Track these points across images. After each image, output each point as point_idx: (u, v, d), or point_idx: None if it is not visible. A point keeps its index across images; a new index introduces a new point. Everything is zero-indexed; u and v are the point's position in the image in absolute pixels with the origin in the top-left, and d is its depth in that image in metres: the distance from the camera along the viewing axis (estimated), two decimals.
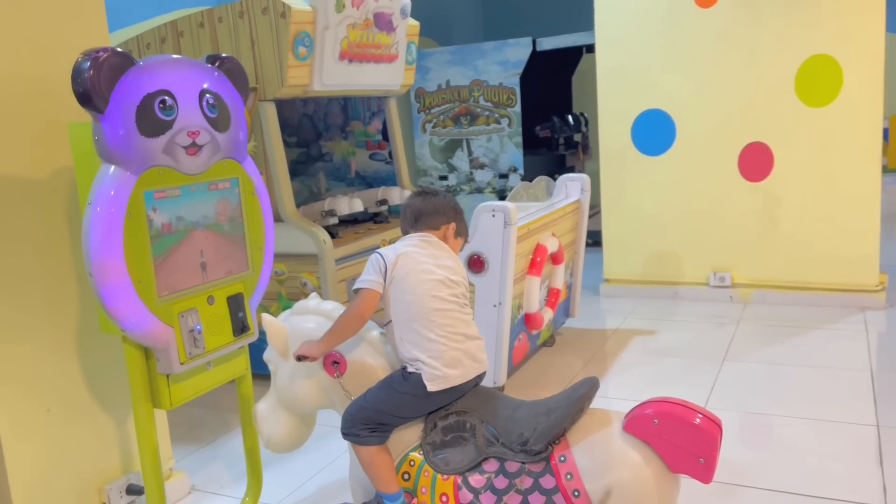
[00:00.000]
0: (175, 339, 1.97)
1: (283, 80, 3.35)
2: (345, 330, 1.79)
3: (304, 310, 1.93)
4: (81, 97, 1.78)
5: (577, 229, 3.98)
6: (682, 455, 1.54)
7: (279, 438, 1.95)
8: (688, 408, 1.57)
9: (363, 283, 1.82)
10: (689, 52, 4.48)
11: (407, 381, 1.75)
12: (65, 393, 2.27)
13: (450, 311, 1.80)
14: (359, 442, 1.74)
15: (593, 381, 1.68)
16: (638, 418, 1.58)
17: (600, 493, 1.54)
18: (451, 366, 1.74)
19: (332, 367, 1.81)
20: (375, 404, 1.75)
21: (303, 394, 1.88)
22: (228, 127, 2.09)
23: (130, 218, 1.84)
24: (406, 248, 1.86)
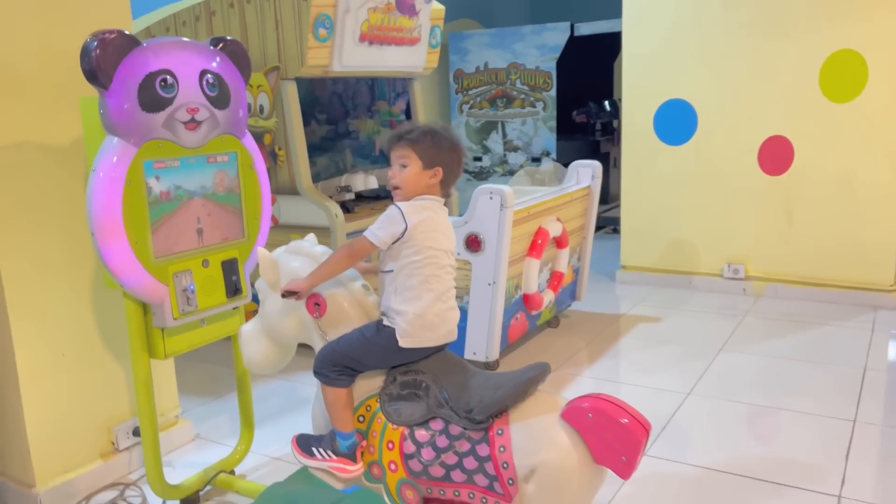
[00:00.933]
0: (169, 296, 2.18)
1: (303, 60, 3.52)
2: (333, 268, 1.91)
3: (297, 249, 2.05)
4: (88, 74, 1.98)
5: (585, 215, 4.06)
6: (607, 450, 1.63)
7: (257, 360, 2.09)
8: (622, 408, 1.65)
9: (371, 236, 1.85)
10: (715, 43, 4.48)
11: (379, 333, 1.87)
12: (79, 341, 2.51)
13: (445, 280, 1.92)
14: (327, 382, 1.88)
15: (543, 367, 1.78)
16: (575, 409, 1.68)
17: (526, 470, 1.66)
18: (427, 328, 1.86)
19: (314, 307, 1.95)
20: (347, 349, 1.88)
21: (284, 325, 2.02)
22: (228, 105, 2.26)
23: (130, 185, 2.04)
24: (427, 214, 1.88)
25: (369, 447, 1.88)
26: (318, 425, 2.01)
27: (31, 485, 2.42)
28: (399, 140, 1.92)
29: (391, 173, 1.94)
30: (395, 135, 1.95)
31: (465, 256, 3.26)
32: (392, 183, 1.94)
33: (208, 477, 2.49)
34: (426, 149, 1.90)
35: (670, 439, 2.76)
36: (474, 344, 3.32)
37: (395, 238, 1.84)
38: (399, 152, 1.91)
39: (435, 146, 1.91)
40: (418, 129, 1.93)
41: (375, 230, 1.86)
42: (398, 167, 1.92)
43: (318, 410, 1.99)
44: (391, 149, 1.94)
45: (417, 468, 1.80)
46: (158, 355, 2.25)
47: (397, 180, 1.92)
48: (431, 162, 1.90)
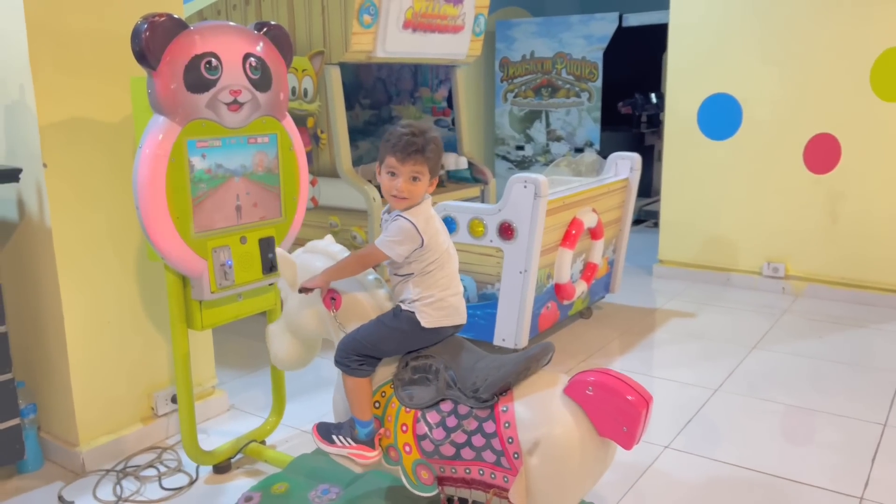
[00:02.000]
0: (207, 270, 2.27)
1: (347, 45, 3.59)
2: (345, 270, 2.00)
3: (314, 248, 2.16)
4: (138, 55, 2.07)
5: (622, 207, 4.05)
6: (609, 421, 1.69)
7: (283, 356, 2.21)
8: (622, 381, 1.72)
9: (388, 251, 1.88)
10: (763, 38, 4.40)
11: (397, 318, 1.95)
12: (123, 310, 2.63)
13: (453, 267, 2.00)
14: (348, 372, 1.97)
15: (546, 346, 1.84)
16: (577, 384, 1.74)
17: (530, 443, 1.71)
18: (445, 309, 1.94)
19: (330, 301, 2.05)
20: (367, 337, 1.96)
21: (304, 321, 2.12)
22: (269, 88, 2.34)
23: (173, 162, 2.14)
24: (430, 218, 1.93)
25: (385, 432, 1.95)
26: (338, 413, 2.09)
27: (74, 444, 2.56)
28: (416, 154, 1.87)
29: (402, 186, 1.87)
30: (407, 147, 1.87)
31: (498, 244, 3.30)
32: (400, 195, 1.89)
33: (240, 445, 2.60)
34: (435, 161, 1.93)
35: (696, 434, 2.77)
36: (503, 331, 3.37)
37: (412, 251, 1.90)
38: (416, 167, 1.87)
39: (438, 157, 1.94)
40: (427, 139, 1.89)
41: (392, 245, 1.88)
42: (410, 180, 1.88)
43: (339, 398, 2.08)
44: (404, 161, 1.87)
45: (430, 448, 1.86)
46: (196, 326, 2.35)
47: (407, 193, 1.88)
48: (434, 171, 1.95)
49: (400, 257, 1.90)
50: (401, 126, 1.93)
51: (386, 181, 1.93)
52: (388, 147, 1.92)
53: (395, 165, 1.89)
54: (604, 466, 1.80)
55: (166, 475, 2.54)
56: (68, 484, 2.48)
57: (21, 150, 2.42)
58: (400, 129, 1.92)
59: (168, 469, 2.57)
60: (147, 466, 2.58)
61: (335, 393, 2.09)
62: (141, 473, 2.54)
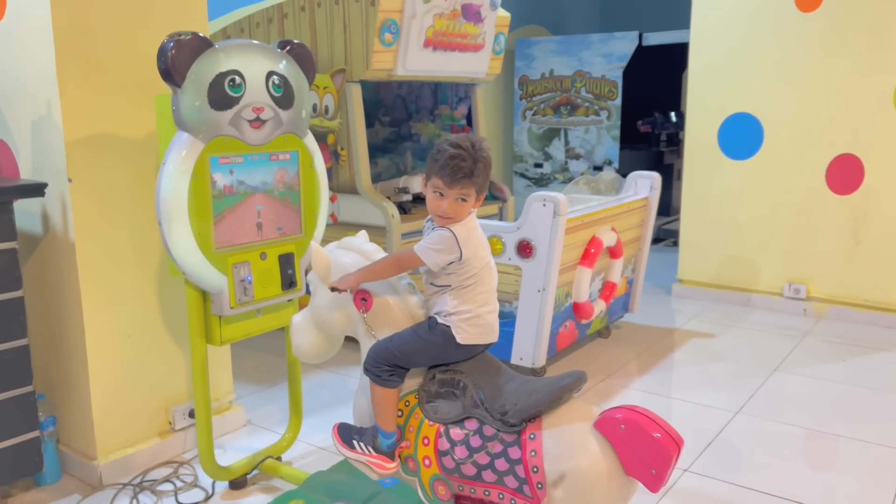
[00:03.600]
0: (228, 286, 2.29)
1: (368, 63, 3.62)
2: (379, 273, 1.96)
3: (349, 245, 2.11)
4: (163, 73, 2.10)
5: (642, 226, 4.03)
6: (637, 462, 1.64)
7: (305, 349, 2.17)
8: (654, 422, 1.66)
9: (425, 257, 1.86)
10: (785, 57, 4.38)
11: (433, 331, 1.91)
12: (144, 324, 2.65)
13: (493, 282, 1.97)
14: (378, 382, 1.94)
15: (579, 375, 1.80)
16: (608, 420, 1.70)
17: (555, 475, 1.68)
18: (481, 326, 1.92)
19: (361, 302, 2.02)
20: (399, 347, 1.93)
21: (332, 318, 2.09)
22: (292, 105, 2.36)
23: (196, 179, 2.16)
24: (473, 234, 1.91)
25: (406, 442, 1.94)
26: (360, 417, 2.07)
27: (92, 457, 2.57)
28: (464, 178, 1.82)
29: (447, 207, 1.84)
30: (455, 173, 1.82)
31: (516, 262, 3.29)
32: (446, 216, 1.86)
33: (256, 461, 2.60)
34: (483, 180, 1.88)
35: (715, 457, 2.73)
36: (521, 349, 3.35)
37: (449, 263, 1.87)
38: (464, 190, 1.83)
39: (487, 175, 1.89)
40: (476, 159, 1.84)
41: (431, 252, 1.85)
42: (457, 201, 1.84)
43: (363, 403, 2.05)
44: (451, 185, 1.83)
45: (450, 465, 1.84)
46: (215, 341, 2.36)
47: (453, 213, 1.85)
48: (482, 190, 1.90)
49: (436, 266, 1.87)
50: (450, 145, 1.85)
51: (432, 200, 1.88)
52: (435, 167, 1.86)
53: (441, 187, 1.85)
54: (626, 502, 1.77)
55: (182, 490, 2.54)
56: (85, 497, 2.49)
57: (46, 165, 2.46)
58: (449, 150, 1.83)
59: (184, 484, 2.57)
60: (163, 481, 2.59)
61: (358, 396, 2.07)
62: (157, 488, 2.54)
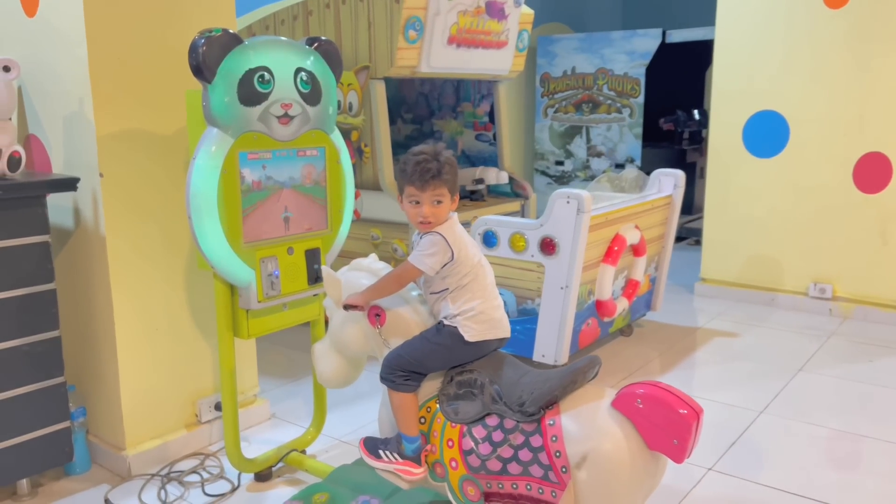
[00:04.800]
0: (255, 280, 2.31)
1: (392, 60, 3.63)
2: (384, 289, 2.02)
3: (358, 266, 2.18)
4: (194, 69, 2.13)
5: (665, 224, 4.01)
6: (658, 434, 1.66)
7: (329, 375, 2.23)
8: (671, 393, 1.69)
9: (421, 265, 1.91)
10: (812, 54, 4.34)
11: (440, 334, 1.96)
12: (172, 317, 2.69)
13: (488, 278, 2.01)
14: (394, 388, 1.98)
15: (593, 359, 1.83)
16: (625, 397, 1.72)
17: (578, 457, 1.70)
18: (487, 322, 1.95)
19: (375, 318, 2.07)
20: (410, 353, 1.97)
21: (350, 339, 2.15)
22: (319, 101, 2.38)
23: (225, 174, 2.18)
24: (459, 233, 1.96)
25: (431, 447, 1.96)
26: (384, 428, 2.10)
27: (121, 447, 2.61)
28: (433, 179, 1.90)
29: (426, 212, 1.90)
30: (424, 175, 1.90)
31: (539, 259, 3.29)
32: (426, 220, 1.92)
33: (281, 454, 2.62)
34: (453, 181, 1.96)
35: (740, 456, 2.71)
36: (543, 346, 3.35)
37: (443, 265, 1.92)
38: (436, 191, 1.91)
39: (455, 175, 1.97)
40: (443, 162, 1.93)
41: (424, 258, 1.91)
42: (433, 204, 1.91)
43: (385, 415, 2.08)
44: (423, 188, 1.90)
45: (476, 463, 1.86)
46: (242, 335, 2.39)
47: (433, 217, 1.91)
48: (454, 190, 1.97)
49: (432, 270, 1.92)
50: (412, 154, 1.96)
51: (410, 210, 1.97)
52: (405, 177, 1.96)
53: (415, 193, 1.93)
54: (654, 481, 1.77)
55: (209, 481, 2.57)
56: (114, 487, 2.53)
57: (78, 160, 2.50)
58: (413, 158, 1.94)
59: (211, 475, 2.61)
60: (190, 472, 2.62)
61: (381, 409, 2.11)
62: (185, 479, 2.58)
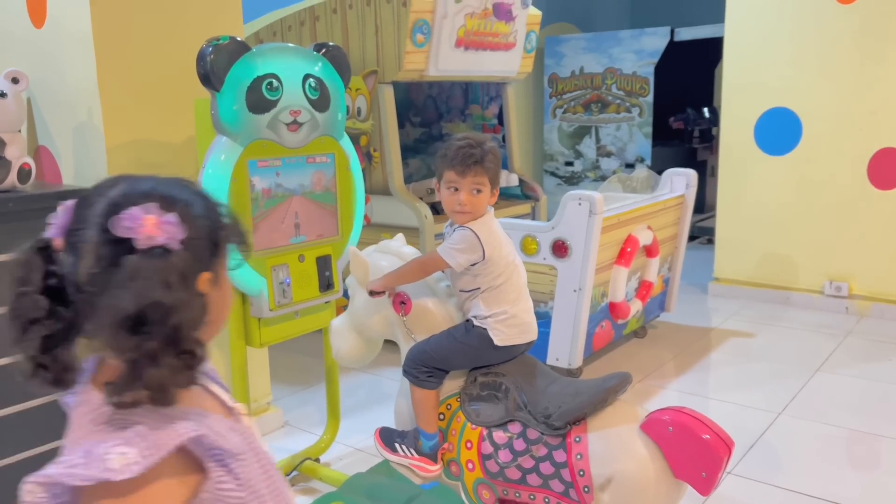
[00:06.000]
0: (267, 288, 2.30)
1: (400, 64, 3.62)
2: (406, 276, 1.97)
3: (386, 248, 2.14)
4: (202, 77, 2.12)
5: (678, 224, 3.98)
6: (687, 464, 1.62)
7: (345, 353, 2.19)
8: (703, 423, 1.64)
9: (449, 258, 1.86)
10: (824, 50, 4.29)
11: (469, 334, 1.91)
12: None
13: (521, 279, 1.97)
14: (416, 383, 1.94)
15: (624, 377, 1.78)
16: (655, 421, 1.68)
17: (602, 479, 1.66)
18: (518, 326, 1.91)
19: (399, 306, 2.03)
20: (436, 350, 1.93)
21: (371, 321, 2.11)
22: (328, 108, 2.37)
23: (235, 182, 2.17)
24: (494, 231, 1.91)
25: (448, 445, 1.93)
26: (401, 420, 2.07)
27: None
28: (475, 165, 1.83)
29: (464, 199, 1.84)
30: (466, 160, 1.83)
31: (551, 262, 3.26)
32: (463, 209, 1.86)
33: (295, 463, 2.61)
34: (495, 171, 1.90)
35: (758, 459, 2.68)
36: (557, 350, 3.32)
37: (473, 263, 1.87)
38: (476, 178, 1.84)
39: (498, 166, 1.91)
40: (485, 150, 1.86)
41: (454, 253, 1.86)
42: (472, 192, 1.84)
43: (404, 406, 2.05)
44: (464, 173, 1.84)
45: (494, 469, 1.83)
46: (254, 344, 2.38)
47: (470, 206, 1.85)
48: (495, 182, 1.91)
49: (459, 266, 1.88)
50: (456, 139, 1.90)
51: (447, 196, 1.90)
52: (445, 161, 1.89)
53: (455, 179, 1.87)
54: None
55: None
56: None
57: (88, 172, 2.49)
58: (456, 143, 1.89)
59: None
60: None
61: (399, 399, 2.08)
62: None
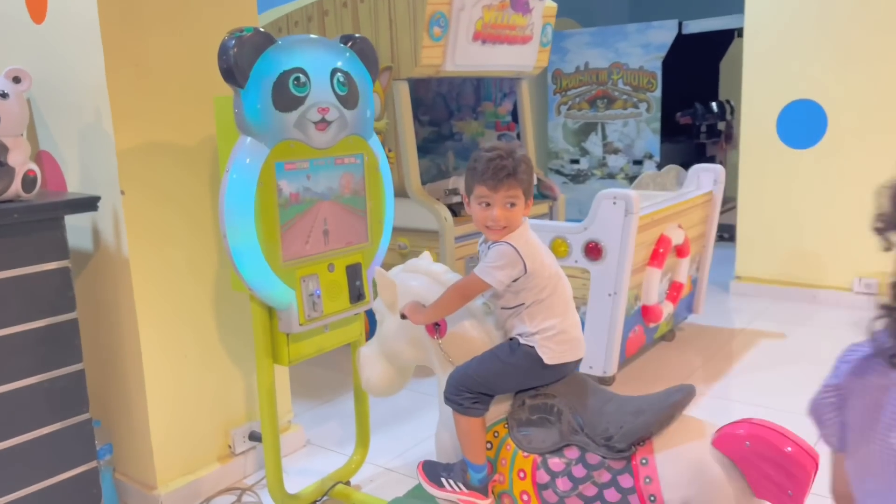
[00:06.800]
0: (296, 301, 2.12)
1: (416, 59, 3.44)
2: (447, 306, 1.82)
3: (414, 268, 1.98)
4: (225, 72, 1.94)
5: (706, 222, 3.83)
6: (769, 483, 1.46)
7: (375, 383, 2.02)
8: (784, 436, 1.49)
9: (489, 278, 1.72)
10: (849, 38, 4.15)
11: (515, 354, 1.77)
12: (201, 343, 2.49)
13: (567, 291, 1.84)
14: (461, 411, 1.78)
15: (689, 389, 1.64)
16: (729, 436, 1.52)
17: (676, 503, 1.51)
18: (568, 342, 1.78)
19: (434, 328, 1.87)
20: (481, 373, 1.78)
21: (403, 347, 1.95)
22: (357, 104, 2.19)
23: (262, 186, 1.99)
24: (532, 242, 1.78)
25: (500, 477, 1.77)
26: (444, 453, 1.91)
27: (152, 486, 2.41)
28: (508, 178, 1.71)
29: (498, 215, 1.71)
30: (498, 173, 1.70)
31: (584, 265, 3.10)
32: (497, 225, 1.73)
33: (325, 488, 2.43)
34: (528, 182, 1.77)
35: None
36: (591, 358, 3.16)
37: (514, 279, 1.74)
38: (510, 192, 1.72)
39: (531, 176, 1.79)
40: (517, 160, 1.73)
41: (493, 271, 1.72)
42: (506, 206, 1.72)
43: (446, 437, 1.89)
44: (496, 188, 1.71)
45: (553, 500, 1.67)
46: (282, 361, 2.20)
47: (505, 221, 1.72)
48: (529, 193, 1.79)
49: (501, 284, 1.74)
50: (485, 151, 1.76)
51: (479, 212, 1.77)
52: (475, 175, 1.76)
53: (486, 194, 1.74)
54: None
55: None
56: None
57: (97, 177, 2.30)
58: (485, 154, 1.75)
59: None
60: None
61: (439, 430, 1.91)
62: None
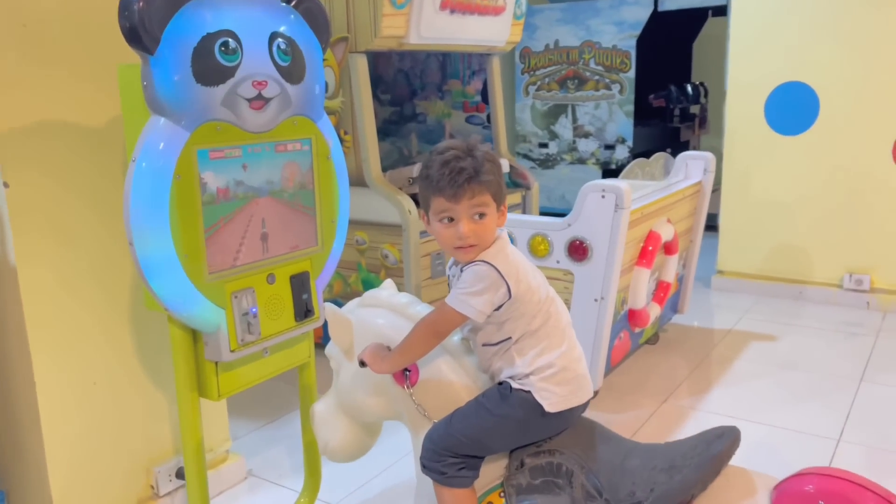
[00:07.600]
0: (226, 322, 1.71)
1: (376, 30, 3.02)
2: (414, 349, 1.44)
3: (374, 301, 1.61)
4: (129, 34, 1.51)
5: (695, 215, 3.50)
6: None
7: (337, 446, 1.66)
8: (862, 486, 1.17)
9: (464, 308, 1.36)
10: (842, 18, 3.85)
11: (506, 401, 1.40)
12: (113, 366, 2.06)
13: (563, 314, 1.48)
14: (443, 482, 1.41)
15: (734, 435, 1.30)
16: (794, 494, 1.20)
17: None
18: (572, 382, 1.42)
19: (402, 375, 1.50)
20: (464, 429, 1.41)
21: (365, 400, 1.58)
22: (303, 78, 1.78)
23: (179, 180, 1.57)
24: (512, 257, 1.42)
25: None
26: None
27: None
28: (469, 182, 1.35)
29: (465, 231, 1.35)
30: (456, 178, 1.34)
31: (567, 265, 2.73)
32: (465, 242, 1.37)
33: None
34: (498, 184, 1.40)
35: None
36: None
37: (497, 307, 1.37)
38: (475, 200, 1.36)
39: (500, 176, 1.42)
40: (481, 159, 1.37)
41: (469, 299, 1.35)
42: (474, 218, 1.36)
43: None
44: (457, 197, 1.35)
45: None
46: (211, 395, 1.79)
47: (474, 237, 1.36)
48: (500, 198, 1.41)
49: (481, 315, 1.36)
50: (437, 153, 1.40)
51: (441, 230, 1.40)
52: (430, 185, 1.38)
53: (447, 207, 1.37)
54: None
55: None
56: None
57: None
58: (438, 157, 1.38)
59: None
60: None
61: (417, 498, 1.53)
62: None
